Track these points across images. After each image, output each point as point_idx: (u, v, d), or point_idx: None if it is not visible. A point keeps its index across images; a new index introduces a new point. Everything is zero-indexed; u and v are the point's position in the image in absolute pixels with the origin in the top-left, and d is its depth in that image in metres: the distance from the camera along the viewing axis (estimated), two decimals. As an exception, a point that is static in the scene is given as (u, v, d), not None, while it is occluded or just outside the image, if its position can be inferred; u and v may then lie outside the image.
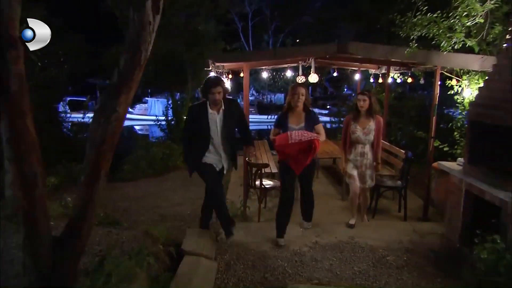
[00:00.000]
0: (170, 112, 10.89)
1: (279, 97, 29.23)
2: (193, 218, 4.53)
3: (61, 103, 9.53)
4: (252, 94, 32.66)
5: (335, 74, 9.18)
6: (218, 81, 3.49)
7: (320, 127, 3.97)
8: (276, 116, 4.15)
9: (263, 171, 4.85)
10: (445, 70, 4.85)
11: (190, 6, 10.10)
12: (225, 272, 3.09)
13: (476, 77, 4.60)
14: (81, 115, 9.59)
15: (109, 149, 1.39)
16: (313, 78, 5.59)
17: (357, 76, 7.89)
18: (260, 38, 24.66)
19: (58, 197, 3.93)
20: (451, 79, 5.08)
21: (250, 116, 24.47)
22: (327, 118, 13.57)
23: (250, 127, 4.21)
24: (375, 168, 4.22)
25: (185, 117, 5.41)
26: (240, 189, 5.37)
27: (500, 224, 3.19)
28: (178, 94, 11.45)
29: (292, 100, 3.91)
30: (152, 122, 11.93)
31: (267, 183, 4.97)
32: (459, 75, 4.94)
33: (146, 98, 21.93)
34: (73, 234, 1.42)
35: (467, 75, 4.71)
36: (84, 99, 12.86)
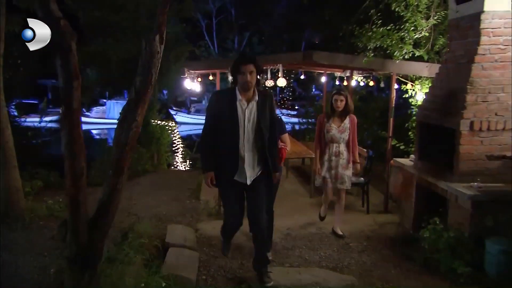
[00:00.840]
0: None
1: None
2: (170, 218, 5.10)
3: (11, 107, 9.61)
4: None
5: (302, 77, 10.04)
6: (251, 58, 2.95)
7: (286, 137, 4.04)
8: None
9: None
10: (400, 75, 5.76)
11: (156, 8, 10.57)
12: (206, 261, 3.72)
13: (427, 82, 5.54)
14: (36, 119, 9.71)
15: (130, 149, 1.99)
16: (281, 82, 6.37)
17: (323, 79, 8.77)
18: (225, 37, 25.31)
19: (39, 200, 4.37)
20: (406, 83, 6.00)
21: (196, 116, 24.40)
22: (295, 119, 14.45)
23: None
24: (355, 169, 4.36)
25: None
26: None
27: (445, 210, 4.05)
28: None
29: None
30: (111, 126, 12.23)
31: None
32: (413, 80, 5.87)
33: (104, 100, 21.93)
34: (102, 215, 1.99)
35: (419, 80, 5.64)
36: (36, 102, 12.84)
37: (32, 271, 2.72)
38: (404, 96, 6.02)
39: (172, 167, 11.53)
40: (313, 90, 25.59)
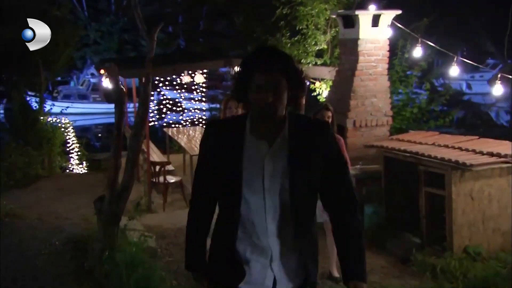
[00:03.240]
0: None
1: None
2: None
3: None
4: (92, 75, 33.53)
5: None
6: (274, 58, 2.07)
7: None
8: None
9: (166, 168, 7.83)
10: (309, 77, 8.65)
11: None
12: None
13: (330, 82, 8.47)
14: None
15: (139, 152, 4.22)
16: (199, 78, 8.92)
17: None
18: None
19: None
20: (314, 83, 8.90)
21: (96, 106, 25.73)
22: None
23: None
24: None
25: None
26: (139, 186, 8.21)
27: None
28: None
29: (224, 116, 4.50)
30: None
31: (170, 178, 7.96)
32: (319, 80, 8.79)
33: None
34: (124, 192, 4.22)
35: (324, 80, 8.55)
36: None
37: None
38: (313, 94, 8.89)
39: (68, 171, 13.12)
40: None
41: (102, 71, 11.87)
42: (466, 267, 4.69)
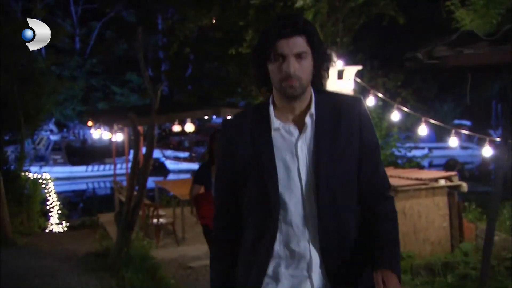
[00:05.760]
0: None
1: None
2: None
3: None
4: (51, 131, 34.33)
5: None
6: (297, 22, 2.32)
7: None
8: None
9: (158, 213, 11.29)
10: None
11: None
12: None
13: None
14: None
15: (147, 177, 7.70)
16: (189, 127, 12.60)
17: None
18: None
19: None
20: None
21: (57, 169, 26.38)
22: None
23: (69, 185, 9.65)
24: None
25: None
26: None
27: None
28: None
29: (213, 149, 5.83)
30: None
31: (162, 220, 11.41)
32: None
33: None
34: (135, 208, 7.66)
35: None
36: None
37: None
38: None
39: (47, 230, 15.12)
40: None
41: (90, 123, 15.13)
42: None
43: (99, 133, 13.87)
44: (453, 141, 8.33)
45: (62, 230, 15.21)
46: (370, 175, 2.48)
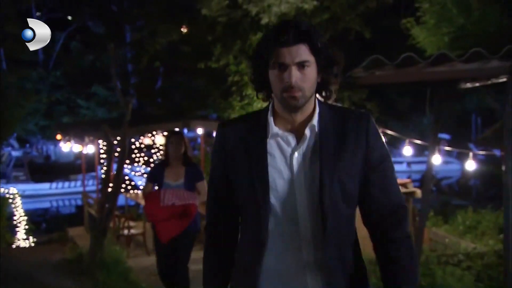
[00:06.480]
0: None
1: (64, 152, 29.59)
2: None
3: None
4: (12, 147, 34.34)
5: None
6: (299, 28, 2.35)
7: (203, 185, 6.05)
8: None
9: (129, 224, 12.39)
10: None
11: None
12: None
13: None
14: None
15: (120, 188, 8.74)
16: (160, 140, 13.75)
17: (200, 131, 16.40)
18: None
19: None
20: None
21: (19, 187, 25.89)
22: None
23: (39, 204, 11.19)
24: None
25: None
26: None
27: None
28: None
29: (168, 151, 6.24)
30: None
31: (132, 231, 12.50)
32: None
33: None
34: (107, 215, 8.79)
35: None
36: None
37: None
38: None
39: (14, 246, 15.62)
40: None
41: (59, 136, 15.73)
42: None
43: (69, 146, 14.71)
44: (436, 159, 8.41)
45: (29, 246, 15.85)
46: (383, 196, 2.50)
